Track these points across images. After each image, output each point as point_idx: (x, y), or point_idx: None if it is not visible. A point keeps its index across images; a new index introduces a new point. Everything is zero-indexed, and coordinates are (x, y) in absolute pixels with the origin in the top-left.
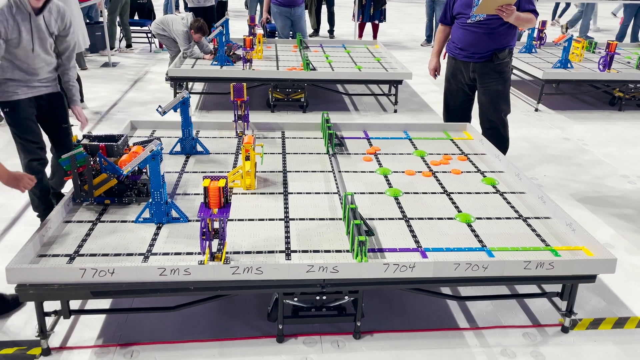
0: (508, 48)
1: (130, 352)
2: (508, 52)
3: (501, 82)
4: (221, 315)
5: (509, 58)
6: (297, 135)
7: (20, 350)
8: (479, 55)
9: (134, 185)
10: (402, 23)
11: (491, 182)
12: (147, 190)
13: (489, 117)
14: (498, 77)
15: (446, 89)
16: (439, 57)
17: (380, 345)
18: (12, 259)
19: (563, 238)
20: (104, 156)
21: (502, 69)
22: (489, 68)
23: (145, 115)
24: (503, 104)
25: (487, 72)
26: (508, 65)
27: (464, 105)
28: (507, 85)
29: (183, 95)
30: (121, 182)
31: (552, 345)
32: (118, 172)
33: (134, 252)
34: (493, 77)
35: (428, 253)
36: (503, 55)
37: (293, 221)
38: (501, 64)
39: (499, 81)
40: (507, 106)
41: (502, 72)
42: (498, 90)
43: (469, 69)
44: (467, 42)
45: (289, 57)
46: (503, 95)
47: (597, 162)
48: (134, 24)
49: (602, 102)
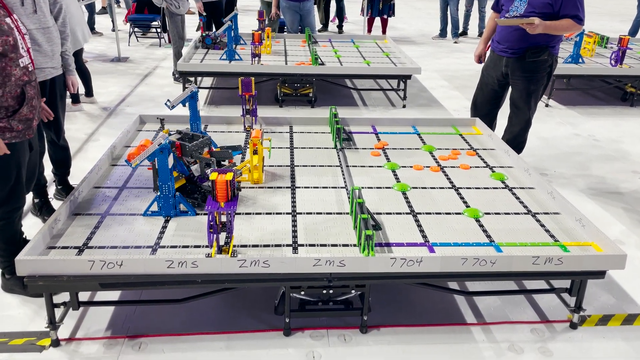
0: (546, 48)
1: (138, 343)
2: (546, 52)
3: (533, 82)
4: (228, 308)
5: (548, 58)
6: (305, 129)
7: (30, 341)
8: (512, 50)
9: (202, 189)
10: (411, 18)
11: (500, 177)
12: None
13: (512, 116)
14: (530, 75)
15: (479, 81)
16: (486, 44)
17: (387, 340)
18: (22, 251)
19: (572, 233)
20: (177, 155)
21: (535, 67)
22: (520, 65)
23: (155, 110)
24: (529, 103)
25: (517, 68)
26: (544, 66)
27: (492, 101)
28: (538, 86)
29: (192, 89)
30: (194, 183)
31: (561, 341)
32: (186, 173)
33: (142, 245)
34: (524, 76)
35: (435, 248)
36: (537, 54)
37: (300, 215)
38: (535, 63)
39: (530, 80)
40: (533, 107)
41: (535, 72)
42: (528, 89)
43: (502, 64)
44: (503, 35)
45: (297, 52)
46: (531, 96)
47: (608, 158)
48: (144, 19)
49: (614, 98)
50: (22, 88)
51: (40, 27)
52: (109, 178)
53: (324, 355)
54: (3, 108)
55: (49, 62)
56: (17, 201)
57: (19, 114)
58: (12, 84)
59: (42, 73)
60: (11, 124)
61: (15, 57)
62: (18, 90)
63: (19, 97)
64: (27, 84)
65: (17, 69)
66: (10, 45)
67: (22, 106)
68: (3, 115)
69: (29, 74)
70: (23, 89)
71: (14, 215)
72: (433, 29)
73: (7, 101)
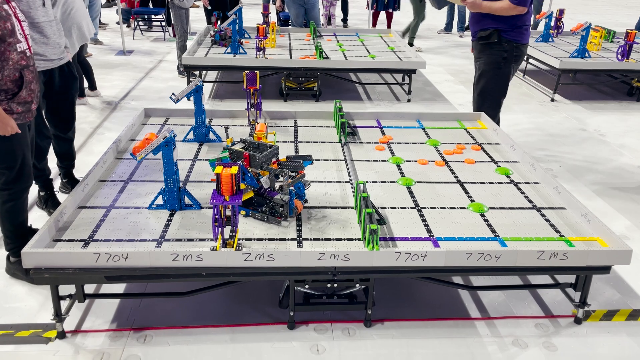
0: (495, 31)
1: (143, 336)
2: (494, 36)
3: (486, 63)
4: (233, 301)
5: (501, 42)
6: (309, 123)
7: (36, 333)
8: (472, 33)
9: (271, 202)
10: None
11: (505, 172)
12: (282, 212)
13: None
14: (484, 57)
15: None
16: None
17: (390, 334)
18: (28, 243)
19: (578, 229)
20: (245, 167)
21: (486, 50)
22: (477, 47)
23: (160, 103)
24: (485, 86)
25: (476, 50)
26: (497, 50)
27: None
28: (493, 68)
29: (196, 83)
30: (260, 195)
31: (565, 336)
32: (255, 186)
33: (148, 238)
34: (479, 57)
35: (440, 242)
36: (486, 37)
37: (305, 209)
38: (486, 45)
39: (483, 61)
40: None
41: (487, 54)
42: (482, 69)
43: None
44: (470, 21)
45: (302, 46)
46: (486, 77)
47: (614, 152)
48: (148, 13)
49: (620, 93)
50: (21, 72)
51: (48, 20)
52: (114, 171)
53: (328, 348)
54: (2, 91)
55: (56, 54)
56: (26, 181)
57: (19, 97)
58: (10, 67)
59: (51, 63)
60: (11, 106)
61: (13, 42)
62: (17, 74)
63: (17, 80)
64: (25, 68)
65: (14, 54)
66: (8, 30)
67: (22, 89)
68: (3, 97)
69: (26, 58)
70: (21, 73)
71: (22, 196)
72: (439, 23)
73: (6, 84)
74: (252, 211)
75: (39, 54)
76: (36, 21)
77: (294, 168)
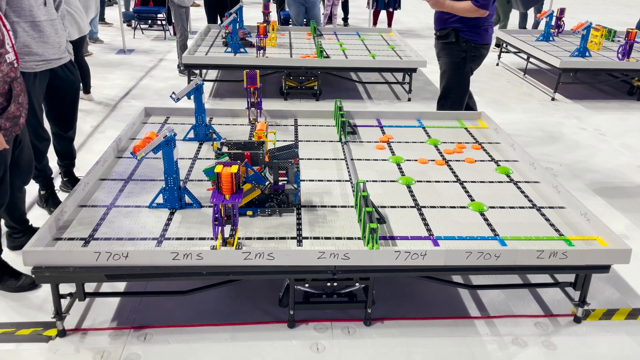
0: (454, 31)
1: (143, 334)
2: (453, 35)
3: (446, 63)
4: (233, 300)
5: (459, 42)
6: (309, 122)
7: (37, 331)
8: (434, 31)
9: (276, 195)
10: (417, 11)
11: (505, 171)
12: (289, 201)
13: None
14: (444, 56)
15: None
16: None
17: (390, 333)
18: (29, 242)
19: (577, 228)
20: (250, 165)
21: (445, 49)
22: (437, 45)
23: (160, 102)
24: (447, 84)
25: (438, 49)
26: (456, 49)
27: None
28: (452, 68)
29: (197, 81)
30: (261, 192)
31: (564, 335)
32: (263, 182)
33: (148, 237)
34: (439, 55)
35: (440, 241)
36: (445, 36)
37: (305, 208)
38: (446, 45)
39: (443, 60)
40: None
41: (446, 54)
42: (443, 69)
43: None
44: (433, 19)
45: (302, 45)
46: (447, 77)
47: (614, 152)
48: (148, 12)
49: (620, 92)
50: (10, 84)
51: (49, 19)
52: (114, 170)
53: (327, 347)
54: None
55: (56, 53)
56: (1, 199)
57: (7, 112)
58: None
59: (49, 63)
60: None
61: (3, 53)
62: (6, 87)
63: (6, 94)
64: (14, 81)
65: (4, 65)
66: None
67: (10, 104)
68: None
69: (14, 70)
70: (10, 86)
71: None
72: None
73: None
74: (259, 209)
75: (38, 54)
76: (37, 20)
77: (289, 157)
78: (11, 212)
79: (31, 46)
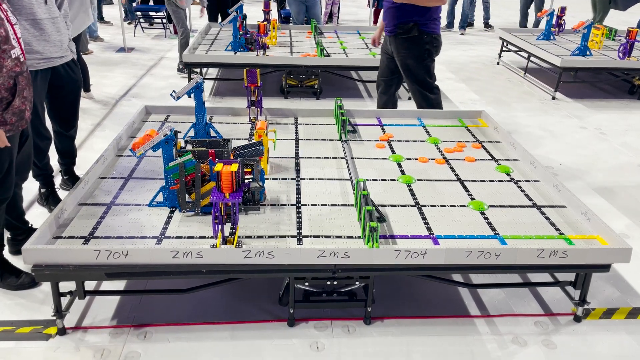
0: (415, 25)
1: (143, 333)
2: (415, 29)
3: (410, 58)
4: (233, 298)
5: (421, 35)
6: (310, 121)
7: (36, 329)
8: (389, 29)
9: (246, 193)
10: None
11: (505, 170)
12: (254, 199)
13: (409, 86)
14: (406, 52)
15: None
16: (382, 29)
17: (390, 331)
18: (29, 240)
19: (577, 227)
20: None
21: (408, 44)
22: (396, 42)
23: (160, 100)
24: (412, 78)
25: (396, 45)
26: (418, 43)
27: (387, 79)
28: (417, 62)
29: (197, 80)
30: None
31: (564, 334)
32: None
33: (148, 235)
34: (402, 52)
35: (440, 240)
36: (406, 31)
37: (305, 207)
38: (407, 40)
39: (407, 56)
40: (421, 81)
41: (409, 49)
42: (407, 64)
43: (388, 43)
44: (385, 16)
45: (303, 43)
46: (411, 71)
47: (615, 151)
48: (149, 10)
49: (621, 91)
50: (15, 79)
51: (50, 17)
52: (114, 168)
53: (327, 345)
54: None
55: (58, 52)
56: (6, 192)
57: (12, 106)
58: (4, 75)
59: (50, 62)
60: (5, 118)
61: (8, 49)
62: (11, 82)
63: (11, 88)
64: (19, 75)
65: (8, 60)
66: (2, 37)
67: (15, 98)
68: None
69: (20, 64)
70: (16, 80)
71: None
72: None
73: (0, 93)
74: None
75: (39, 52)
76: (38, 18)
77: (254, 154)
78: (10, 210)
79: (32, 44)
